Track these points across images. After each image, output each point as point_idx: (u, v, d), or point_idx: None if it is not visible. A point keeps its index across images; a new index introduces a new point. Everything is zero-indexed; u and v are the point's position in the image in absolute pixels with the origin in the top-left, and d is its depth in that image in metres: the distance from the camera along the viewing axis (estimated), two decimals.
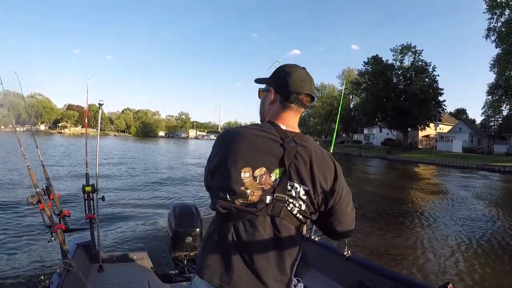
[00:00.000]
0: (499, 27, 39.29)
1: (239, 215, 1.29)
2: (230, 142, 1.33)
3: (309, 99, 1.41)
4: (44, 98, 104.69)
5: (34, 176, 2.79)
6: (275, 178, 1.28)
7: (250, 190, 1.27)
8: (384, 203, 11.28)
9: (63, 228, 2.78)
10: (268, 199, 1.27)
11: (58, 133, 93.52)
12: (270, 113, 1.45)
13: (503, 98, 42.64)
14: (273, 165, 1.28)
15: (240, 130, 1.36)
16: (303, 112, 1.47)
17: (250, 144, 1.29)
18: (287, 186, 1.28)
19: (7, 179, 13.28)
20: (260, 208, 1.27)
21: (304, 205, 1.30)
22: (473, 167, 34.15)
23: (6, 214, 7.95)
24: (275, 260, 1.29)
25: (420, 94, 49.00)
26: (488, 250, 6.79)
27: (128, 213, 8.60)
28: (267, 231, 1.28)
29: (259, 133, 1.32)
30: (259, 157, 1.28)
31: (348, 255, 3.23)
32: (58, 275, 2.58)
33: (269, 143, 1.30)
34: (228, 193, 1.28)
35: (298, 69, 1.41)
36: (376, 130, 71.48)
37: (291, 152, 1.29)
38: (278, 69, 1.46)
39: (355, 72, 71.08)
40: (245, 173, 1.27)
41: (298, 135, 1.36)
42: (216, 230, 1.35)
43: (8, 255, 5.49)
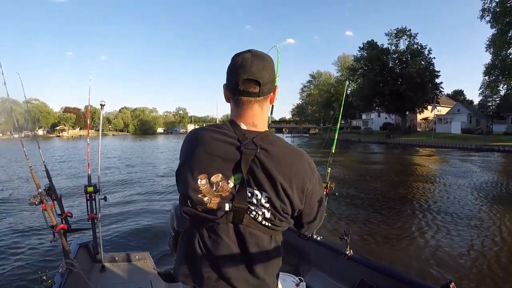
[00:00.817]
0: (493, 7, 39.07)
1: (202, 222, 1.25)
2: (189, 146, 1.27)
3: (253, 84, 1.22)
4: (40, 103, 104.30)
5: (36, 177, 2.80)
6: (234, 185, 1.20)
7: (208, 198, 1.21)
8: (386, 198, 11.00)
9: (65, 229, 2.80)
10: (228, 206, 1.21)
11: (57, 137, 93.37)
12: (231, 111, 1.33)
13: (500, 78, 42.49)
14: (230, 171, 1.20)
15: (199, 133, 1.28)
16: (264, 101, 1.29)
17: (206, 149, 1.21)
18: (246, 193, 1.20)
19: (9, 180, 13.32)
20: (220, 216, 1.21)
21: (268, 212, 1.22)
22: (473, 147, 34.16)
23: (8, 215, 8.00)
24: (246, 267, 1.24)
25: (417, 77, 48.83)
26: (495, 249, 6.55)
27: (130, 213, 8.62)
28: (231, 238, 1.23)
29: (215, 136, 1.23)
30: (215, 163, 1.20)
31: (350, 254, 3.24)
32: (61, 275, 2.61)
33: (225, 147, 1.21)
34: (188, 199, 1.23)
35: (240, 54, 1.25)
36: (375, 115, 71.47)
37: (249, 156, 1.19)
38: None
39: (350, 58, 70.82)
40: (201, 180, 1.20)
41: (260, 135, 1.24)
42: (185, 235, 1.33)
43: (10, 255, 5.53)
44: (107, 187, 12.16)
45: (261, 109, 1.29)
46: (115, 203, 9.64)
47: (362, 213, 9.04)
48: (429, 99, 51.57)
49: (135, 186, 13.15)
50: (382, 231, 7.47)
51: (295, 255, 3.95)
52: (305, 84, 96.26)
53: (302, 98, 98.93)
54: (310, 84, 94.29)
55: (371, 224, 8.06)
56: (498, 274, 5.35)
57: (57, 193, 2.90)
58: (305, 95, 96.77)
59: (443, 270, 5.45)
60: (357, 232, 7.15)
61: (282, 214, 1.23)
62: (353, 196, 11.17)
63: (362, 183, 14.14)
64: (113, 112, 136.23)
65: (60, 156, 27.85)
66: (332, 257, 3.46)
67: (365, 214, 9.00)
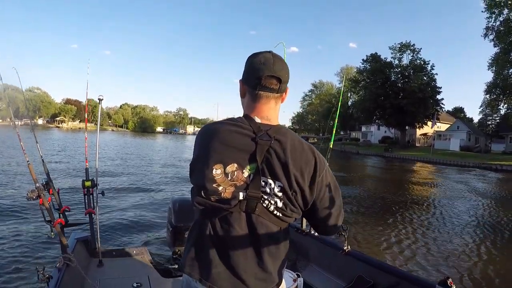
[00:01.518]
0: (497, 26, 39.39)
1: (214, 212, 1.28)
2: (205, 139, 1.31)
3: (275, 81, 1.29)
4: (42, 92, 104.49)
5: (34, 171, 2.78)
6: (248, 174, 1.25)
7: (222, 187, 1.24)
8: (382, 200, 11.31)
9: (62, 223, 2.80)
10: (241, 195, 1.24)
11: (56, 127, 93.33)
12: (245, 106, 1.39)
13: (501, 97, 42.74)
14: (245, 160, 1.24)
15: (214, 127, 1.33)
16: (279, 98, 1.36)
17: (222, 140, 1.26)
18: (260, 183, 1.24)
19: (7, 173, 13.27)
20: (233, 205, 1.25)
21: (280, 202, 1.26)
22: (470, 165, 34.23)
23: (6, 209, 7.94)
24: (254, 258, 1.27)
25: (418, 93, 49.04)
26: (488, 244, 6.88)
27: (128, 208, 8.61)
28: (242, 227, 1.26)
29: (231, 128, 1.28)
30: (231, 153, 1.25)
31: (348, 250, 3.24)
32: (58, 270, 2.59)
33: (241, 138, 1.26)
34: (202, 190, 1.26)
35: (261, 54, 1.32)
36: (374, 127, 71.51)
37: (264, 147, 1.24)
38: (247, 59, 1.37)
39: (353, 70, 71.08)
40: (216, 170, 1.24)
41: (273, 128, 1.30)
42: (196, 226, 1.35)
43: (8, 250, 5.49)
44: (105, 182, 12.10)
45: (276, 105, 1.35)
46: (113, 198, 9.61)
47: (360, 211, 9.25)
48: (429, 115, 51.73)
49: (133, 181, 13.13)
50: (380, 228, 7.63)
51: (293, 250, 3.94)
52: (307, 93, 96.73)
53: (303, 107, 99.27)
54: (312, 94, 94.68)
55: (369, 221, 8.24)
56: (493, 270, 5.49)
57: (54, 188, 2.89)
58: (306, 104, 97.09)
59: (439, 267, 5.54)
60: (355, 229, 7.26)
61: (293, 203, 1.27)
62: (352, 196, 11.40)
63: (360, 187, 14.46)
64: (113, 107, 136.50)
65: (59, 148, 27.70)
66: (330, 252, 3.48)
67: (362, 212, 9.24)
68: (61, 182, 11.69)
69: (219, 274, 1.26)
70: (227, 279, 1.26)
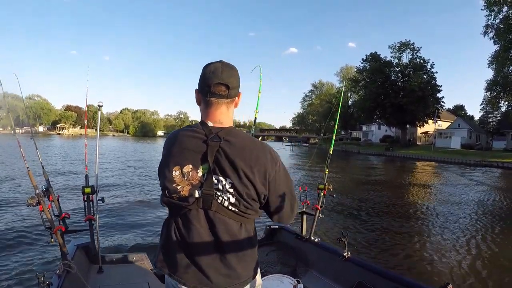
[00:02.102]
0: (497, 23, 39.32)
1: (177, 210, 1.42)
2: (167, 145, 1.45)
3: (223, 88, 1.40)
4: (42, 100, 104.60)
5: (33, 178, 2.78)
6: (202, 174, 1.36)
7: (181, 186, 1.37)
8: (383, 202, 11.19)
9: (62, 230, 2.80)
10: (197, 193, 1.36)
11: (57, 134, 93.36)
12: (201, 113, 1.50)
13: (501, 94, 42.63)
14: (198, 161, 1.36)
15: (175, 133, 1.48)
16: (230, 103, 1.47)
17: (179, 144, 1.40)
18: (213, 181, 1.35)
19: (7, 180, 13.28)
20: (191, 202, 1.37)
21: (233, 198, 1.36)
22: (472, 163, 34.15)
23: (6, 216, 7.95)
24: (216, 253, 1.37)
25: (418, 91, 49.05)
26: (491, 249, 6.73)
27: (128, 214, 8.60)
28: (202, 224, 1.38)
29: (187, 133, 1.42)
30: (186, 155, 1.38)
31: (348, 256, 3.24)
32: (58, 276, 2.60)
33: (194, 141, 1.38)
34: (166, 190, 1.40)
35: (211, 64, 1.43)
36: (375, 127, 71.57)
37: (214, 148, 1.35)
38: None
39: (353, 70, 71.08)
40: (175, 172, 1.37)
41: (224, 130, 1.41)
42: (164, 225, 1.50)
43: (8, 256, 5.49)
44: (105, 188, 12.13)
45: (227, 110, 1.46)
46: (113, 204, 9.60)
47: (360, 217, 9.11)
48: (430, 113, 51.72)
49: (133, 188, 13.12)
50: (380, 233, 7.54)
51: (292, 256, 3.95)
52: (307, 94, 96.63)
53: (304, 107, 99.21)
54: (312, 94, 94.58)
55: (369, 226, 8.13)
56: (495, 278, 5.38)
57: (54, 194, 2.89)
58: (306, 105, 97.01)
59: (440, 273, 5.49)
60: (354, 234, 7.19)
61: (246, 199, 1.36)
62: (351, 200, 11.29)
63: (360, 190, 14.27)
64: (114, 112, 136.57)
65: (59, 155, 27.74)
66: (330, 258, 3.47)
67: (362, 217, 9.09)
68: (61, 189, 11.70)
69: (185, 269, 1.38)
70: (192, 274, 1.37)
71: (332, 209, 9.38)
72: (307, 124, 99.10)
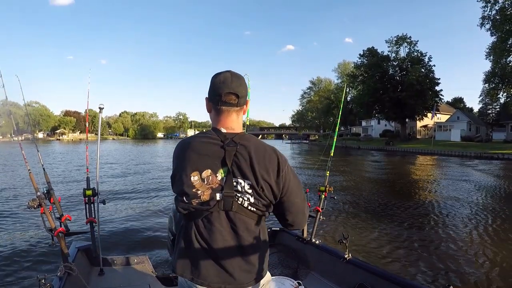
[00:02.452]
0: (493, 15, 39.31)
1: (197, 214, 1.46)
2: (181, 152, 1.50)
3: (233, 97, 1.49)
4: (40, 106, 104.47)
5: (35, 180, 2.79)
6: (221, 177, 1.44)
7: (201, 191, 1.43)
8: (384, 203, 11.00)
9: (63, 232, 2.79)
10: (218, 196, 1.43)
11: (57, 140, 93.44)
12: (212, 120, 1.58)
13: (500, 86, 42.62)
14: (217, 166, 1.44)
15: (188, 140, 1.52)
16: (240, 111, 1.56)
17: (196, 150, 1.46)
18: (232, 183, 1.43)
19: (8, 183, 13.32)
20: (213, 205, 1.43)
21: (252, 198, 1.44)
22: (472, 155, 34.16)
23: (7, 218, 7.98)
24: (237, 252, 1.45)
25: (417, 85, 48.99)
26: (495, 248, 6.61)
27: (129, 216, 8.59)
28: (223, 225, 1.44)
29: (202, 140, 1.48)
30: (204, 161, 1.44)
31: (349, 257, 3.25)
32: (59, 279, 2.60)
33: (211, 147, 1.45)
34: (184, 196, 1.45)
35: (221, 74, 1.51)
36: (374, 122, 71.60)
37: (231, 152, 1.43)
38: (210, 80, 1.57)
39: (351, 65, 71.10)
40: (194, 177, 1.43)
41: (238, 135, 1.49)
42: (182, 231, 1.53)
43: (9, 258, 5.51)
44: (106, 191, 12.15)
45: (237, 117, 1.55)
46: (114, 207, 9.61)
47: (361, 218, 9.02)
48: (429, 107, 51.68)
49: (134, 190, 13.12)
50: (381, 235, 7.45)
51: (294, 258, 3.95)
52: (305, 91, 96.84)
53: (302, 105, 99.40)
54: (310, 91, 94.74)
55: (370, 228, 8.04)
56: (498, 280, 5.32)
57: (55, 197, 2.89)
58: (305, 102, 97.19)
59: (442, 274, 5.44)
60: (355, 236, 7.13)
61: (263, 198, 1.45)
62: (352, 201, 11.16)
63: (361, 189, 14.12)
64: (113, 116, 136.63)
65: (59, 159, 27.80)
66: (331, 260, 3.47)
67: (364, 218, 8.98)
68: (62, 191, 11.75)
69: (208, 271, 1.43)
70: (216, 274, 1.43)
71: (333, 210, 9.30)
72: (307, 121, 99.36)
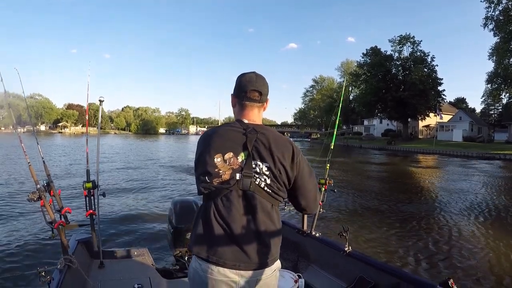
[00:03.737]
0: (496, 15, 39.17)
1: (217, 193, 1.57)
2: (207, 137, 1.67)
3: (256, 94, 1.68)
4: (43, 99, 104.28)
5: (34, 173, 2.77)
6: (242, 160, 1.58)
7: (222, 171, 1.56)
8: (384, 198, 11.09)
9: (63, 224, 2.78)
10: (238, 176, 1.56)
11: (59, 133, 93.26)
12: (235, 113, 1.76)
13: (503, 87, 42.52)
14: (239, 150, 1.58)
15: (214, 129, 1.70)
16: (261, 107, 1.74)
17: (220, 136, 1.63)
18: (251, 164, 1.56)
19: (8, 176, 13.36)
20: (232, 184, 1.55)
21: (268, 179, 1.57)
22: (474, 156, 34.10)
23: (7, 211, 8.02)
24: (254, 232, 1.53)
25: (419, 84, 48.89)
26: (494, 242, 6.68)
27: (129, 209, 8.63)
28: (241, 203, 1.55)
29: (226, 128, 1.66)
30: (227, 145, 1.60)
31: (349, 250, 3.23)
32: (59, 271, 2.61)
33: (234, 134, 1.61)
34: (207, 175, 1.58)
35: (246, 74, 1.72)
36: (376, 121, 71.44)
37: (252, 138, 1.58)
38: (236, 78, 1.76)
39: (354, 64, 70.86)
40: (217, 158, 1.58)
41: (258, 125, 1.66)
42: (201, 210, 1.63)
43: (9, 251, 5.54)
44: (106, 183, 12.17)
45: (259, 112, 1.73)
46: (114, 199, 9.65)
47: (361, 211, 9.10)
48: (431, 106, 51.56)
49: (134, 183, 13.15)
50: (381, 228, 7.51)
51: (294, 251, 3.95)
52: (308, 89, 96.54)
53: (305, 103, 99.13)
54: (313, 89, 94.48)
55: (370, 221, 8.12)
56: (497, 272, 5.36)
57: (55, 189, 2.88)
58: (307, 100, 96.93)
59: (442, 267, 5.48)
60: (356, 229, 7.17)
61: (279, 181, 1.58)
62: (353, 195, 11.26)
63: (362, 185, 14.20)
64: (115, 110, 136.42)
65: (61, 152, 27.84)
66: (331, 253, 3.46)
67: (364, 212, 9.07)
68: (63, 184, 11.79)
69: (224, 249, 1.50)
70: (231, 252, 1.50)
71: (333, 204, 9.37)
72: (309, 119, 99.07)
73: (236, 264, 1.49)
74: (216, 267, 1.49)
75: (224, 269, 1.48)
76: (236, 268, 1.48)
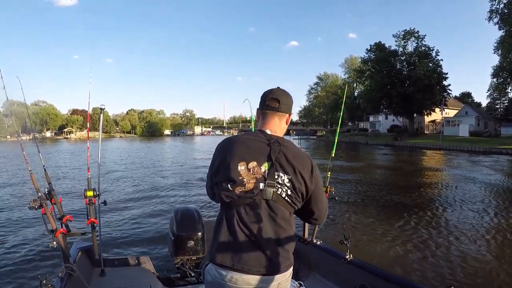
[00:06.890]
0: (501, 8, 38.92)
1: (239, 202, 1.60)
2: (228, 145, 1.69)
3: (275, 102, 1.73)
4: (48, 105, 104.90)
5: (36, 181, 2.78)
6: (265, 170, 1.60)
7: (246, 179, 1.59)
8: (387, 203, 10.88)
9: (64, 233, 2.79)
10: (261, 185, 1.59)
11: (64, 139, 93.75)
12: (259, 124, 1.82)
13: (508, 80, 42.33)
14: (262, 160, 1.61)
15: (235, 137, 1.74)
16: (282, 117, 1.77)
17: (244, 145, 1.65)
18: (274, 175, 1.60)
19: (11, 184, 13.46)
20: (256, 193, 1.58)
21: (289, 190, 1.61)
22: (481, 151, 33.90)
23: (8, 219, 8.08)
24: (276, 238, 1.60)
25: (424, 79, 48.72)
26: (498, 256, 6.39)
27: (130, 217, 8.62)
28: (264, 212, 1.59)
29: (251, 137, 1.70)
30: (251, 154, 1.62)
31: (350, 258, 3.21)
32: (60, 279, 2.61)
33: (259, 144, 1.65)
34: (229, 182, 1.60)
35: (271, 89, 1.80)
36: (382, 117, 71.20)
37: (276, 149, 1.63)
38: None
39: (358, 60, 70.70)
40: (241, 166, 1.59)
41: (280, 138, 1.71)
42: (222, 220, 1.64)
43: (10, 259, 5.58)
44: (107, 191, 12.22)
45: (280, 122, 1.78)
46: (115, 207, 9.63)
47: (362, 218, 8.94)
48: (436, 102, 51.33)
49: (135, 190, 13.12)
50: (383, 235, 7.39)
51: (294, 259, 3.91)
52: (312, 86, 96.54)
53: (309, 100, 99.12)
54: (317, 86, 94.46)
55: (372, 227, 8.00)
56: (500, 281, 5.28)
57: (57, 197, 2.88)
58: (312, 97, 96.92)
59: (443, 275, 5.40)
60: (357, 237, 7.08)
61: (297, 192, 1.63)
62: (354, 202, 11.07)
63: (363, 189, 13.89)
64: (120, 114, 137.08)
65: (64, 159, 27.97)
66: (332, 261, 3.43)
67: (365, 219, 8.91)
68: (64, 192, 11.84)
69: (250, 256, 1.55)
70: (256, 259, 1.55)
71: (334, 211, 9.22)
72: (314, 116, 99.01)
73: (260, 270, 1.54)
74: (240, 275, 1.53)
75: (248, 276, 1.53)
76: (261, 274, 1.54)
